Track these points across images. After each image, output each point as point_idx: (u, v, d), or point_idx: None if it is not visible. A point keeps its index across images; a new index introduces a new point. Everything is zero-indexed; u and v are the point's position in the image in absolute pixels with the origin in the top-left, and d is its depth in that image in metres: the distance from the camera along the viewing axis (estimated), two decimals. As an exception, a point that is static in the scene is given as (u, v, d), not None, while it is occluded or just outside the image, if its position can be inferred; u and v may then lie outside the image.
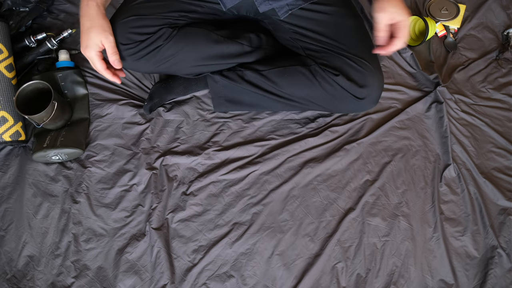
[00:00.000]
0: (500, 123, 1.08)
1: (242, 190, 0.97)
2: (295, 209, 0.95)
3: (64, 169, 0.99)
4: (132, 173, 0.98)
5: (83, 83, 1.06)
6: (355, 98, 0.90)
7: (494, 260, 0.91)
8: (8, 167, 0.99)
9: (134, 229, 0.93)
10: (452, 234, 0.94)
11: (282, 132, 1.04)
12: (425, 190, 0.99)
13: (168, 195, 0.96)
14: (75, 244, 0.91)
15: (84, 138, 1.01)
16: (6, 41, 1.02)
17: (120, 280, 0.88)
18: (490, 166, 1.02)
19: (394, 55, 1.15)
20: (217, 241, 0.91)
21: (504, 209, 0.97)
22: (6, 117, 0.97)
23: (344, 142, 1.03)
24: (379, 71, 0.90)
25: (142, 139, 1.02)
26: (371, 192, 0.97)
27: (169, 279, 0.87)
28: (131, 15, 0.85)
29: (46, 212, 0.94)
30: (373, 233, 0.93)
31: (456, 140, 1.04)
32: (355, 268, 0.90)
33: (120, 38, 0.85)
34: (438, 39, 1.20)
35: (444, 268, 0.91)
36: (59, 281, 0.88)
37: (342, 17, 0.92)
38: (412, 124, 1.06)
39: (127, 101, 1.05)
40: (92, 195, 0.96)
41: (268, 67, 0.95)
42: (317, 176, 0.99)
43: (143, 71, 1.02)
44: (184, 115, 1.05)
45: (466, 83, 1.13)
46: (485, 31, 1.21)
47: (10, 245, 0.92)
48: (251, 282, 0.88)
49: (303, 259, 0.90)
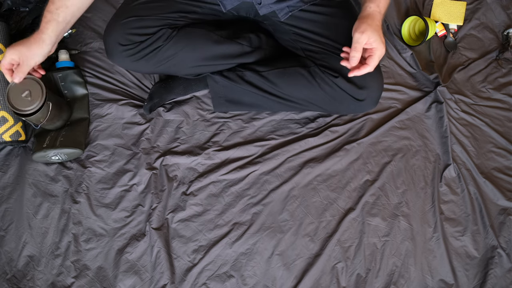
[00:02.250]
0: (500, 123, 1.08)
1: (242, 190, 0.97)
2: (295, 209, 0.95)
3: (64, 169, 0.99)
4: (132, 173, 0.98)
5: (82, 83, 1.06)
6: (354, 99, 0.90)
7: (494, 260, 0.91)
8: (8, 167, 0.99)
9: (134, 229, 0.93)
10: (452, 234, 0.94)
11: (282, 132, 1.04)
12: (425, 190, 0.99)
13: (168, 195, 0.96)
14: (75, 244, 0.91)
15: (84, 138, 1.01)
16: (6, 41, 1.01)
17: (120, 280, 0.88)
18: (490, 166, 1.02)
19: (394, 55, 1.15)
20: (217, 241, 0.91)
21: (504, 209, 0.97)
22: (6, 117, 0.97)
23: (344, 142, 1.03)
24: (378, 72, 0.90)
25: (142, 139, 1.02)
26: (371, 192, 0.97)
27: (169, 279, 0.87)
28: (130, 16, 0.85)
29: (46, 212, 0.94)
30: (373, 233, 0.93)
31: (456, 140, 1.04)
32: (355, 268, 0.90)
33: (120, 39, 0.85)
34: (438, 39, 1.20)
35: (444, 268, 0.91)
36: (59, 281, 0.88)
37: (342, 19, 0.91)
38: (412, 124, 1.06)
39: (127, 101, 1.05)
40: (92, 195, 0.96)
41: (267, 68, 0.95)
42: (317, 176, 0.99)
43: (143, 71, 1.02)
44: (184, 115, 1.05)
45: (466, 83, 1.13)
46: (485, 31, 1.21)
47: (10, 245, 0.92)
48: (251, 282, 0.88)
49: (303, 259, 0.90)
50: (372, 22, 0.76)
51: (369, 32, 0.75)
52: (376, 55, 0.77)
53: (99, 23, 1.16)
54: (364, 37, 0.75)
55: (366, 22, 0.76)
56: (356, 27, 0.77)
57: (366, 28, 0.75)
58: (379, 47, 0.76)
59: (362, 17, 0.78)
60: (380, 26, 0.78)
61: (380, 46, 0.76)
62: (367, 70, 0.78)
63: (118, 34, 0.85)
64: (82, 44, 1.12)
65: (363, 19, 0.77)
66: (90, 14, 1.17)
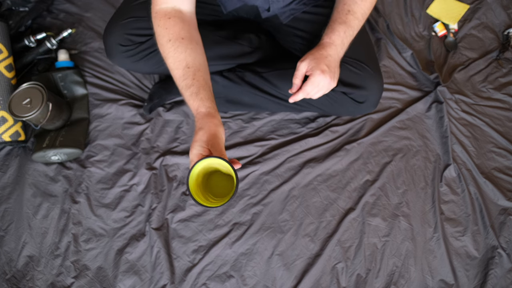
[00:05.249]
0: (501, 123, 1.07)
1: (242, 190, 0.97)
2: (295, 209, 0.95)
3: (63, 169, 0.99)
4: (132, 173, 0.98)
5: (82, 83, 1.06)
6: (354, 101, 0.90)
7: (494, 260, 0.91)
8: (8, 167, 0.99)
9: (134, 229, 0.93)
10: (453, 234, 0.94)
11: (282, 132, 1.04)
12: (426, 190, 0.99)
13: (168, 195, 0.96)
14: (74, 244, 0.91)
15: (83, 138, 1.01)
16: (5, 41, 1.01)
17: (120, 280, 0.88)
18: (490, 166, 1.02)
19: (394, 54, 1.15)
20: (217, 241, 0.91)
21: (505, 209, 0.97)
22: (6, 117, 0.96)
23: (344, 142, 1.03)
24: (378, 74, 0.90)
25: (142, 139, 1.02)
26: (371, 192, 0.97)
27: (169, 279, 0.87)
28: (130, 16, 0.85)
29: (46, 212, 0.94)
30: (373, 233, 0.93)
31: (456, 140, 1.04)
32: (355, 268, 0.90)
33: (120, 39, 0.85)
34: (438, 38, 1.20)
35: (445, 268, 0.91)
36: (59, 281, 0.88)
37: None
38: (413, 124, 1.06)
39: (127, 101, 1.05)
40: (92, 195, 0.96)
41: (267, 69, 0.95)
42: (317, 176, 0.98)
43: (143, 72, 1.02)
44: (184, 115, 1.05)
45: (466, 83, 1.13)
46: (486, 31, 1.21)
47: (10, 245, 0.92)
48: (251, 282, 0.88)
49: (303, 259, 0.90)
50: (317, 51, 0.75)
51: (308, 60, 0.74)
52: (310, 81, 0.74)
53: (98, 23, 1.16)
54: (303, 65, 0.75)
55: (312, 51, 0.76)
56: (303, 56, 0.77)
57: (307, 56, 0.75)
58: (315, 74, 0.73)
59: (315, 47, 0.78)
60: (329, 56, 0.75)
61: (317, 73, 0.73)
62: (299, 97, 0.76)
63: (118, 35, 0.85)
64: (81, 44, 1.13)
65: (312, 50, 0.77)
66: (90, 14, 1.17)
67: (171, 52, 0.68)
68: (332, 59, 0.75)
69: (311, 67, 0.74)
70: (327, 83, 0.74)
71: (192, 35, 0.71)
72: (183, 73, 0.67)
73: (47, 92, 0.92)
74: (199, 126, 0.63)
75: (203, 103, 0.65)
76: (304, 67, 0.75)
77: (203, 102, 0.65)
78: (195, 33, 0.73)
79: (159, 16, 0.71)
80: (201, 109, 0.65)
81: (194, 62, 0.68)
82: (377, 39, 1.18)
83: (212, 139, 0.61)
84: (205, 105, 0.65)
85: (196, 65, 0.68)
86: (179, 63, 0.68)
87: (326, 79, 0.74)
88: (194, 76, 0.67)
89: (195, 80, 0.66)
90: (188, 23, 0.72)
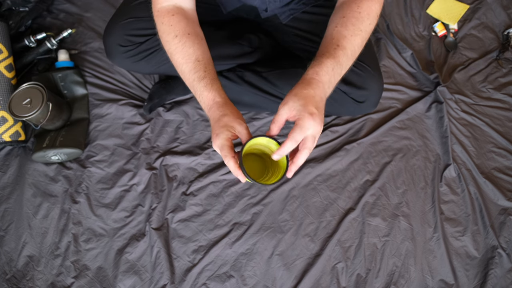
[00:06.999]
0: (501, 123, 1.08)
1: (242, 190, 0.97)
2: (295, 209, 0.95)
3: (64, 169, 0.99)
4: (132, 173, 0.98)
5: (82, 83, 1.06)
6: (354, 101, 0.90)
7: (494, 260, 0.91)
8: (8, 167, 0.99)
9: (134, 229, 0.93)
10: (452, 234, 0.94)
11: (282, 132, 1.04)
12: (425, 190, 0.99)
13: (168, 195, 0.96)
14: (75, 244, 0.91)
15: (83, 138, 1.01)
16: (5, 41, 1.01)
17: (120, 280, 0.88)
18: (490, 166, 1.02)
19: (394, 54, 1.15)
20: (217, 241, 0.91)
21: (504, 209, 0.97)
22: (6, 117, 0.96)
23: (344, 142, 1.03)
24: (378, 74, 0.90)
25: (142, 139, 1.02)
26: (371, 192, 0.97)
27: (169, 279, 0.87)
28: (130, 17, 0.85)
29: (46, 212, 0.94)
30: (373, 233, 0.93)
31: (456, 140, 1.04)
32: (355, 268, 0.90)
33: (120, 40, 0.85)
34: (438, 38, 1.20)
35: (444, 268, 0.91)
36: (59, 281, 0.88)
37: None
38: (412, 124, 1.06)
39: (127, 101, 1.05)
40: (92, 195, 0.96)
41: (267, 68, 0.95)
42: (317, 176, 0.99)
43: (143, 72, 1.02)
44: (184, 115, 1.05)
45: (466, 83, 1.13)
46: (486, 31, 1.21)
47: (10, 245, 0.92)
48: (251, 282, 0.88)
49: (303, 259, 0.90)
50: (302, 90, 0.61)
51: (291, 102, 0.60)
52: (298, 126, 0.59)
53: (98, 23, 1.16)
54: (285, 110, 0.60)
55: (295, 90, 0.62)
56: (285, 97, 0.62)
57: (290, 98, 0.60)
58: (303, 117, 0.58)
59: (297, 83, 0.63)
60: (316, 96, 0.61)
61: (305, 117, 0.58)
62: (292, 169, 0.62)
63: (117, 36, 0.85)
64: (81, 44, 1.12)
65: (296, 85, 0.63)
66: (90, 14, 1.17)
67: (178, 47, 0.68)
68: (319, 99, 0.61)
69: (296, 110, 0.59)
70: (317, 129, 0.59)
71: (196, 31, 0.71)
72: (193, 66, 0.67)
73: (47, 92, 0.92)
74: (222, 113, 0.63)
75: (219, 93, 0.66)
76: (286, 113, 0.60)
77: (218, 92, 0.66)
78: (199, 30, 0.73)
79: (162, 14, 0.71)
80: (218, 98, 0.65)
81: (204, 56, 0.68)
82: (377, 39, 1.18)
83: (239, 124, 0.62)
84: (221, 95, 0.66)
85: (205, 59, 0.68)
86: (188, 57, 0.68)
87: (315, 123, 0.58)
88: (206, 68, 0.67)
89: (206, 73, 0.67)
90: (191, 20, 0.72)
